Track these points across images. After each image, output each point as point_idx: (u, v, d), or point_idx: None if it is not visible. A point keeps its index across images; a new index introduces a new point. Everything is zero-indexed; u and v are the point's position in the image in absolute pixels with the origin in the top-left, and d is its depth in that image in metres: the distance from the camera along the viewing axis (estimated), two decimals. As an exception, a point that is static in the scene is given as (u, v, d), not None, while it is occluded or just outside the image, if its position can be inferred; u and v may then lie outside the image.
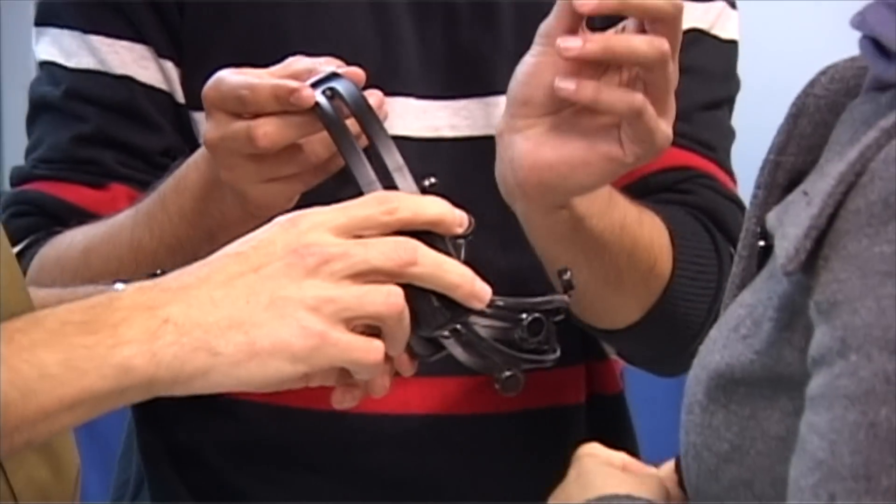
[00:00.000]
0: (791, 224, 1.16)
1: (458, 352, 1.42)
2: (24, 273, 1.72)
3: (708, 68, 1.90)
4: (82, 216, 1.79)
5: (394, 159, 1.47)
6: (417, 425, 1.83)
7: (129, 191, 1.80)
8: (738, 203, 1.80)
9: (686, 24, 1.80)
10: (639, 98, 1.53)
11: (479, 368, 1.44)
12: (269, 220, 1.43)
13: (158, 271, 1.47)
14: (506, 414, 1.85)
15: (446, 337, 1.42)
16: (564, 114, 1.57)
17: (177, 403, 1.67)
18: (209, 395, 1.60)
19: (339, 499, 1.84)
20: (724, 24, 1.92)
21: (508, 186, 1.63)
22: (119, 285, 1.48)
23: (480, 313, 1.41)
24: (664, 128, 1.57)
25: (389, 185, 1.46)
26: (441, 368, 1.63)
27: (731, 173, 1.92)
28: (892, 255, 1.07)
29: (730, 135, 1.93)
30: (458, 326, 1.41)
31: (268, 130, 1.52)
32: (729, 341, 1.25)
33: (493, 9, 1.84)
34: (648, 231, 1.78)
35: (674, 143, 1.74)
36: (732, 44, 1.93)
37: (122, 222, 1.73)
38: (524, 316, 1.42)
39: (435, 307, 1.39)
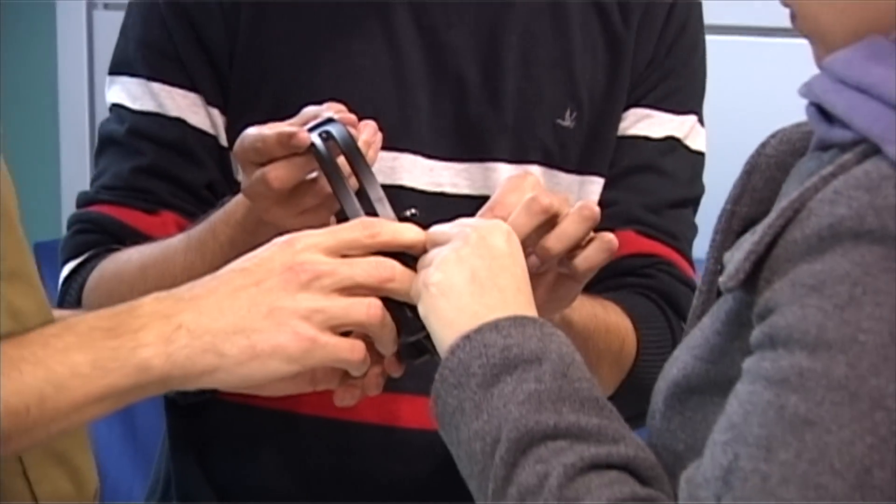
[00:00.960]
0: (739, 253, 1.18)
1: (436, 356, 1.44)
2: (83, 281, 1.78)
3: (678, 173, 1.92)
4: (136, 237, 1.80)
5: (375, 191, 1.50)
6: (408, 436, 1.82)
7: (177, 218, 1.81)
8: (692, 287, 1.75)
9: (664, 132, 1.89)
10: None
11: None
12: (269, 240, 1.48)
13: None
14: None
15: (425, 343, 1.43)
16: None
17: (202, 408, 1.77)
18: (233, 405, 1.67)
19: (340, 499, 1.83)
20: (694, 137, 1.93)
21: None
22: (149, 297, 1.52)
23: None
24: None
25: (372, 213, 1.49)
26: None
27: (690, 261, 1.92)
28: (817, 275, 1.10)
29: (693, 228, 1.94)
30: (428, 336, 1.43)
31: (278, 174, 1.55)
32: (685, 358, 1.27)
33: (498, 90, 1.84)
34: (615, 318, 1.80)
35: (643, 233, 1.81)
36: (700, 155, 1.95)
37: (175, 246, 1.74)
38: None
39: (409, 318, 1.42)
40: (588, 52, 1.88)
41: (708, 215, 1.43)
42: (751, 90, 2.14)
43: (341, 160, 1.52)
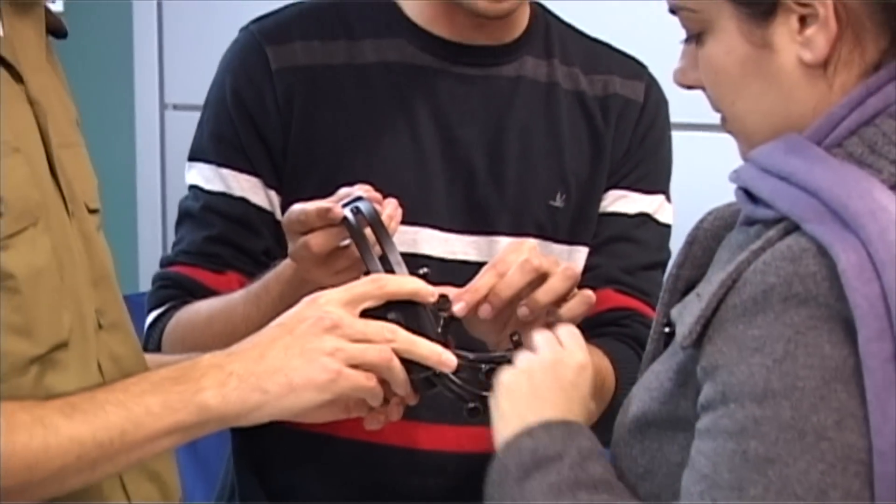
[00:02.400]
0: (688, 315, 1.19)
1: (443, 383, 1.48)
2: (164, 327, 1.80)
3: (649, 242, 1.93)
4: (206, 292, 1.82)
5: (395, 255, 1.53)
6: (425, 456, 1.84)
7: (240, 277, 1.82)
8: None
9: (637, 209, 1.90)
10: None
11: (454, 400, 1.48)
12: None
13: None
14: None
15: (434, 380, 1.47)
16: None
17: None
18: (285, 429, 1.65)
19: None
20: (662, 212, 1.94)
21: None
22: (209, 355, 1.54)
23: (456, 369, 1.46)
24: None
25: (391, 272, 1.52)
26: (464, 419, 1.76)
27: None
28: (759, 337, 1.12)
29: (661, 286, 1.85)
30: (437, 374, 1.46)
31: (317, 241, 1.57)
32: (643, 396, 1.28)
33: (501, 176, 1.85)
34: (598, 360, 1.76)
35: (620, 291, 1.82)
36: (667, 226, 1.95)
37: (236, 300, 1.76)
38: (483, 367, 1.47)
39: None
40: (575, 145, 1.89)
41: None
42: (690, 176, 2.19)
43: (368, 230, 1.54)
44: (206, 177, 1.86)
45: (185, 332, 1.80)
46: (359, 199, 1.58)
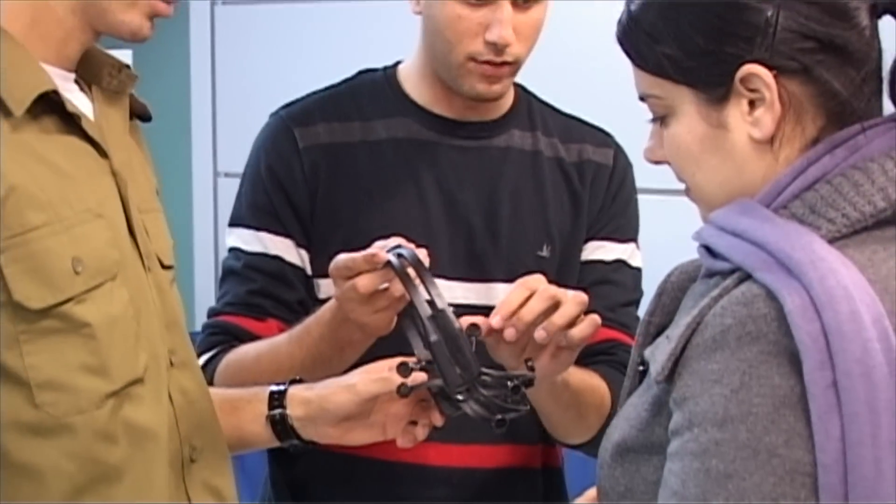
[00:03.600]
0: (660, 354, 1.20)
1: (467, 407, 1.49)
2: (215, 367, 1.81)
3: (626, 283, 1.95)
4: (251, 337, 1.83)
5: (436, 290, 1.55)
6: (434, 471, 1.86)
7: (279, 324, 1.82)
8: None
9: (614, 256, 1.92)
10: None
11: (481, 417, 1.49)
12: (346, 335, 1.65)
13: (298, 377, 1.61)
14: (504, 468, 1.90)
15: (462, 400, 1.48)
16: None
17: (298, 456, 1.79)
18: (320, 453, 1.70)
19: None
20: (634, 258, 1.96)
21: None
22: (273, 387, 1.61)
23: (483, 383, 1.48)
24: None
25: (432, 302, 1.54)
26: (469, 437, 1.77)
27: None
28: (718, 371, 1.13)
29: (637, 319, 1.87)
30: (470, 388, 1.47)
31: (364, 282, 1.58)
32: (623, 425, 1.29)
33: (496, 232, 1.87)
34: (596, 381, 1.82)
35: (606, 326, 1.79)
36: (639, 269, 1.96)
37: (280, 341, 1.77)
38: (509, 383, 1.48)
39: (455, 371, 1.49)
40: (557, 204, 1.91)
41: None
42: (656, 235, 2.22)
43: (410, 270, 1.56)
44: (246, 239, 1.88)
45: (235, 370, 1.80)
46: (397, 246, 1.59)
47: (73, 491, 1.34)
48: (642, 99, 1.29)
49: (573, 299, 1.60)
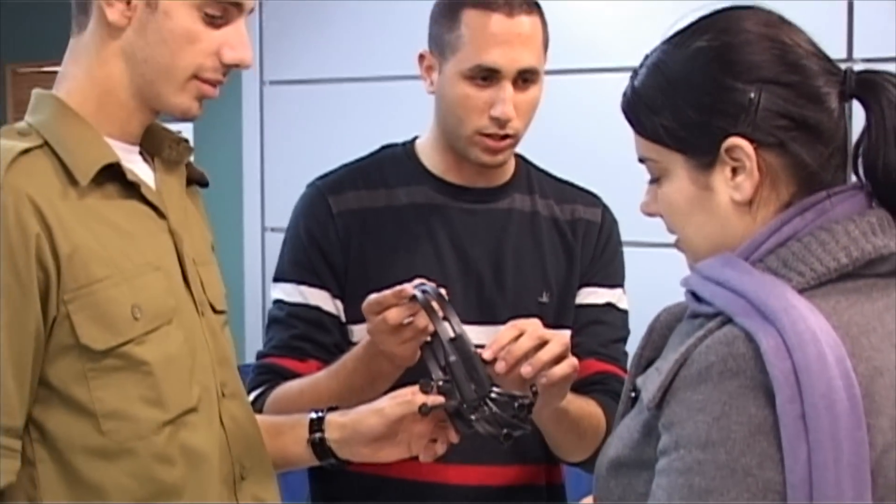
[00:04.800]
0: (650, 384, 1.19)
1: (478, 426, 1.49)
2: (264, 401, 1.80)
3: (615, 322, 1.93)
4: (294, 376, 1.81)
5: (456, 319, 1.55)
6: (453, 489, 1.83)
7: (318, 364, 1.81)
8: None
9: (604, 300, 1.91)
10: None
11: (490, 434, 1.49)
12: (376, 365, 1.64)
13: (334, 405, 1.61)
14: (513, 486, 1.88)
15: (474, 419, 1.48)
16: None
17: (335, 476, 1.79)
18: (354, 474, 1.71)
19: None
20: (621, 301, 1.95)
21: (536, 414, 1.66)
22: (312, 414, 1.61)
23: (493, 401, 1.49)
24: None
25: (455, 331, 1.55)
26: (482, 459, 1.76)
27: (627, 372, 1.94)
28: (702, 401, 1.12)
29: (626, 354, 1.93)
30: (481, 404, 1.48)
31: (393, 315, 1.58)
32: (617, 444, 1.28)
33: (502, 283, 1.86)
34: (593, 408, 1.80)
35: (600, 360, 1.83)
36: (626, 311, 1.95)
37: (320, 377, 1.77)
38: (516, 404, 1.49)
39: (471, 387, 1.49)
40: (554, 256, 1.91)
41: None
42: (647, 280, 2.21)
43: (434, 304, 1.57)
44: (288, 292, 1.87)
45: (282, 403, 1.79)
46: (421, 284, 1.60)
47: None
48: (641, 161, 1.29)
49: (558, 339, 1.59)
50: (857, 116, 1.24)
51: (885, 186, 1.20)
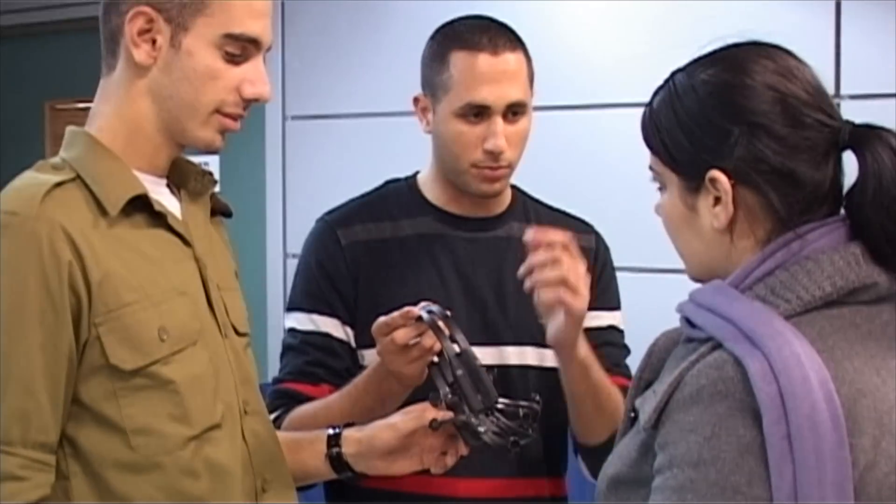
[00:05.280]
0: (647, 405, 1.20)
1: (486, 437, 1.49)
2: (281, 423, 1.79)
3: (619, 342, 1.94)
4: (308, 399, 1.81)
5: (461, 336, 1.56)
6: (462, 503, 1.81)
7: (330, 387, 1.80)
8: None
9: (607, 322, 1.90)
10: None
11: (498, 444, 1.50)
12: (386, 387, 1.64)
13: (351, 422, 1.61)
14: (520, 498, 1.86)
15: (482, 431, 1.49)
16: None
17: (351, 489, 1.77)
18: (367, 489, 1.70)
19: None
20: (620, 321, 1.95)
21: (556, 349, 1.72)
22: (330, 430, 1.61)
23: (500, 411, 1.50)
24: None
25: (461, 346, 1.55)
26: (490, 472, 1.74)
27: None
28: (694, 422, 1.13)
29: (628, 367, 1.93)
30: (488, 413, 1.49)
31: (399, 334, 1.59)
32: (616, 462, 1.28)
33: (504, 306, 1.85)
34: (614, 391, 1.79)
35: (616, 375, 1.82)
36: (623, 330, 1.95)
37: (333, 398, 1.76)
38: (521, 413, 1.50)
39: (477, 398, 1.50)
40: None
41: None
42: (645, 304, 2.21)
43: (440, 323, 1.58)
44: (301, 321, 1.87)
45: (298, 424, 1.79)
46: (427, 305, 1.61)
47: None
48: (651, 169, 1.30)
49: (573, 270, 1.65)
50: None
51: (866, 229, 1.20)
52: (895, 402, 1.15)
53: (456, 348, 1.56)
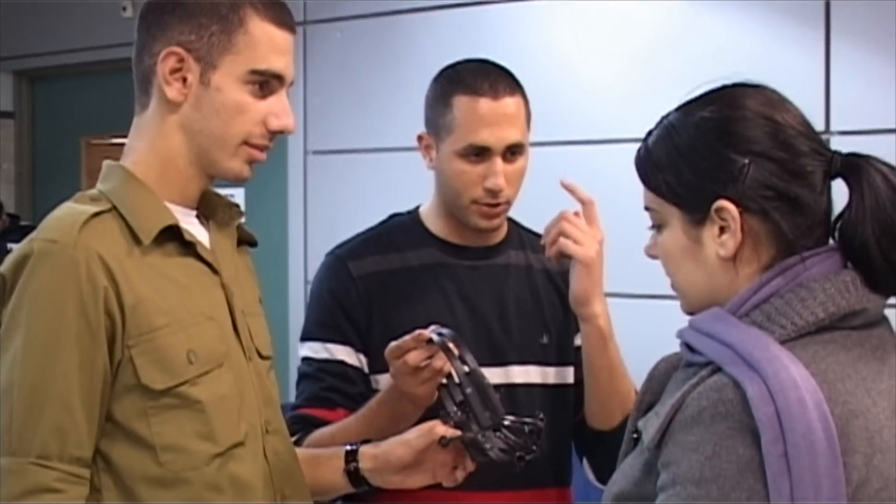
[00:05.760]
0: (650, 426, 1.19)
1: (493, 452, 1.50)
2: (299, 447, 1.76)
3: None
4: (324, 423, 1.80)
5: (470, 356, 1.56)
6: None
7: (345, 412, 1.79)
8: None
9: None
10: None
11: (503, 461, 1.50)
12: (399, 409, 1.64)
13: (367, 439, 1.61)
14: None
15: (489, 448, 1.49)
16: None
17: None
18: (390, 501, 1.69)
19: None
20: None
21: (576, 310, 1.76)
22: (348, 447, 1.62)
23: (507, 427, 1.50)
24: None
25: (467, 366, 1.55)
26: (500, 486, 1.74)
27: None
28: (695, 441, 1.12)
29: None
30: (496, 429, 1.49)
31: (411, 357, 1.60)
32: (621, 480, 1.27)
33: (507, 328, 1.85)
34: (628, 377, 1.79)
35: None
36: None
37: (349, 422, 1.76)
38: (527, 429, 1.50)
39: (486, 415, 1.50)
40: (549, 303, 1.91)
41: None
42: (646, 331, 2.20)
43: (450, 345, 1.58)
44: (315, 350, 1.86)
45: (317, 446, 1.78)
46: (437, 328, 1.61)
47: None
48: (647, 209, 1.29)
49: (587, 237, 1.73)
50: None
51: (858, 255, 1.20)
52: (885, 421, 1.15)
53: (465, 368, 1.56)
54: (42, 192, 6.63)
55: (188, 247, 1.44)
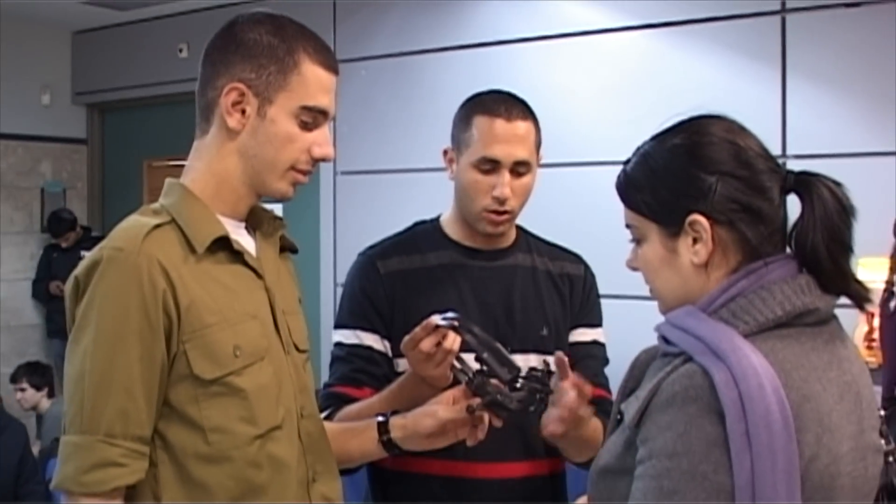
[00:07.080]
0: (631, 408, 1.18)
1: (514, 405, 1.51)
2: (331, 420, 1.75)
3: (599, 355, 1.92)
4: (353, 400, 1.79)
5: (478, 329, 1.57)
6: (480, 483, 1.80)
7: (372, 390, 1.78)
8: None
9: (590, 338, 1.90)
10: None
11: (524, 409, 1.51)
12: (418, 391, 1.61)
13: (396, 410, 1.61)
14: (526, 477, 1.85)
15: (509, 402, 1.49)
16: None
17: (388, 472, 1.76)
18: (403, 472, 1.68)
19: None
20: (602, 337, 1.93)
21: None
22: (380, 417, 1.60)
23: (524, 377, 1.53)
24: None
25: (480, 336, 1.55)
26: (502, 457, 1.73)
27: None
28: (669, 421, 1.11)
29: (607, 379, 1.92)
30: (513, 380, 1.50)
31: (426, 344, 1.59)
32: (605, 455, 1.26)
33: (512, 321, 1.83)
34: (596, 424, 1.75)
35: (595, 385, 1.75)
36: (604, 344, 1.93)
37: (373, 400, 1.75)
38: (538, 374, 1.50)
39: (504, 370, 1.52)
40: (550, 301, 1.89)
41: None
42: (625, 325, 2.18)
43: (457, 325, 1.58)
44: (346, 336, 1.86)
45: (346, 420, 1.77)
46: (445, 312, 1.61)
47: (231, 501, 1.36)
48: (628, 226, 1.29)
49: (566, 402, 1.62)
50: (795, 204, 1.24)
51: (810, 260, 1.20)
52: (833, 405, 1.15)
53: (476, 335, 1.56)
54: (110, 207, 6.68)
55: (237, 255, 1.44)
